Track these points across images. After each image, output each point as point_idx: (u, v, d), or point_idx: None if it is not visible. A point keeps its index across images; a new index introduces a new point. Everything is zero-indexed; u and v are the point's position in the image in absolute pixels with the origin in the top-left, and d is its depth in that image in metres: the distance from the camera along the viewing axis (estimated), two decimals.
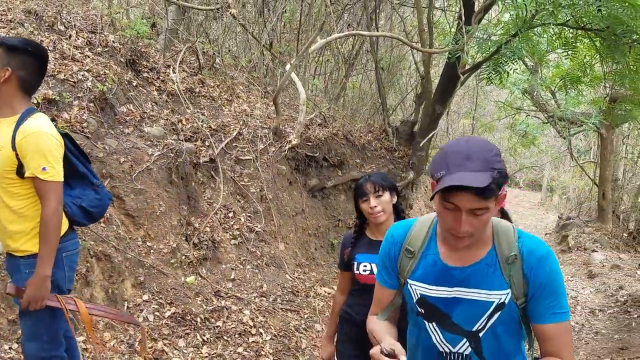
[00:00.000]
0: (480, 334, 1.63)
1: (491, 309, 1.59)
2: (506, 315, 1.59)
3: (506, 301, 1.58)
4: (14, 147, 2.34)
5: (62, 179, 2.43)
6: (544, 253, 1.57)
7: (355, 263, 2.63)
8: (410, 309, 1.76)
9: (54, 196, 2.38)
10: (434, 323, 1.68)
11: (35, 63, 2.45)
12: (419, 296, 1.69)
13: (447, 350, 1.69)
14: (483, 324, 1.61)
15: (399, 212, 2.65)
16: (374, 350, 1.56)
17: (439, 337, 1.69)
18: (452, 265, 1.63)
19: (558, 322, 1.56)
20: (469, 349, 1.66)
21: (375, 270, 2.42)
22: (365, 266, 2.60)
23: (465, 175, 1.41)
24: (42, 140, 2.35)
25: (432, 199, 1.53)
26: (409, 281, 1.71)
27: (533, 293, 1.56)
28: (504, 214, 3.15)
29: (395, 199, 2.62)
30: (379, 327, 1.79)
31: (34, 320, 2.46)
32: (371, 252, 2.56)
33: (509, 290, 1.57)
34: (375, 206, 2.53)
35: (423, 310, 1.70)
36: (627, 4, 5.35)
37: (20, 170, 2.37)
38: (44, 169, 2.34)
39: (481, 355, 1.65)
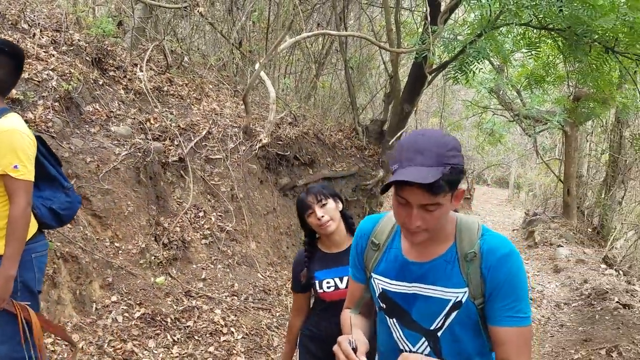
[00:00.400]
0: (439, 334, 1.57)
1: (448, 307, 1.54)
2: (464, 316, 1.53)
3: (463, 300, 1.52)
4: None
5: (33, 179, 2.40)
6: (505, 252, 1.49)
7: (317, 282, 2.47)
8: (375, 303, 1.74)
9: (24, 195, 2.34)
10: (394, 319, 1.65)
11: (12, 63, 2.42)
12: (381, 290, 1.67)
13: (407, 349, 1.64)
14: (441, 322, 1.56)
15: (347, 219, 2.51)
16: (342, 338, 1.54)
17: (400, 333, 1.65)
18: (412, 260, 1.60)
19: (514, 326, 1.47)
20: (428, 349, 1.60)
21: (340, 284, 2.41)
22: (328, 282, 2.44)
23: (413, 171, 1.37)
24: (16, 138, 2.32)
25: (382, 192, 1.52)
26: (373, 275, 1.69)
27: (490, 293, 1.49)
28: None
29: (340, 206, 2.48)
30: (350, 320, 1.77)
31: (5, 321, 2.42)
32: (329, 266, 2.45)
33: (466, 289, 1.51)
34: (323, 216, 2.38)
35: (385, 306, 1.67)
36: (587, 5, 5.51)
37: None
38: (15, 166, 2.31)
39: (440, 356, 1.59)
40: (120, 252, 4.46)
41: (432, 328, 1.57)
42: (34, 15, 5.52)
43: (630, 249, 11.89)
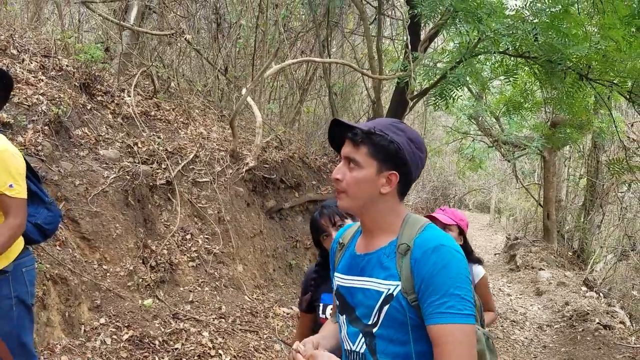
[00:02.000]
0: (374, 330, 1.50)
1: (381, 299, 1.48)
2: (395, 311, 1.45)
3: (395, 293, 1.45)
4: None
5: (26, 197, 2.48)
6: (433, 245, 1.42)
7: (321, 305, 2.24)
8: (334, 303, 1.71)
9: (21, 212, 2.43)
10: (344, 316, 1.61)
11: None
12: (336, 287, 1.66)
13: (349, 348, 1.59)
14: (375, 317, 1.49)
15: None
16: (294, 345, 1.56)
17: (345, 331, 1.60)
18: (359, 253, 1.60)
19: (444, 323, 1.37)
20: (364, 347, 1.53)
21: None
22: (332, 309, 2.15)
23: (346, 121, 1.55)
24: (9, 158, 2.40)
25: (334, 147, 1.64)
26: (334, 274, 1.70)
27: (419, 288, 1.41)
28: (467, 243, 3.18)
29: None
30: (323, 328, 1.79)
31: (3, 334, 2.45)
32: None
33: (399, 282, 1.45)
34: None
35: (338, 302, 1.65)
36: (561, 33, 5.76)
37: None
38: (10, 185, 2.39)
39: (374, 355, 1.51)
40: (108, 274, 4.47)
41: (369, 323, 1.51)
42: (23, 41, 5.60)
43: (610, 272, 12.11)
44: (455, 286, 1.39)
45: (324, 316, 2.22)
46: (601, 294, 9.59)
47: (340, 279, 1.65)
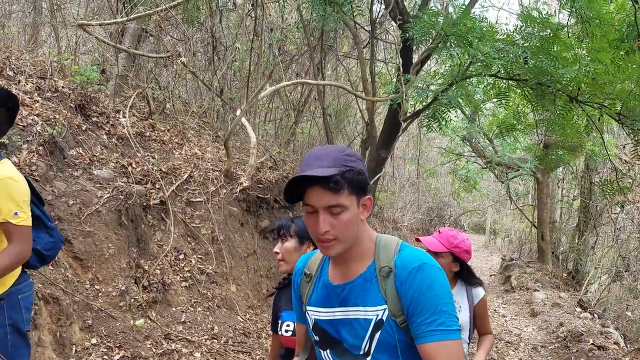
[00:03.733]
0: (368, 359, 1.49)
1: (371, 327, 1.47)
2: (387, 335, 1.45)
3: (384, 318, 1.45)
4: None
5: (31, 224, 2.47)
6: (417, 265, 1.43)
7: (280, 322, 2.24)
8: (311, 337, 1.67)
9: (24, 239, 2.42)
10: (328, 351, 1.58)
11: (6, 114, 2.52)
12: (313, 322, 1.61)
13: None
14: (367, 346, 1.48)
15: None
16: None
17: None
18: (336, 283, 1.55)
19: (436, 340, 1.38)
20: None
21: None
22: (287, 325, 2.19)
23: (312, 172, 1.41)
24: (14, 186, 2.40)
25: (287, 200, 1.49)
26: (307, 308, 1.64)
27: (407, 308, 1.42)
28: (466, 269, 3.08)
29: (309, 250, 2.20)
30: None
31: None
32: None
33: (385, 306, 1.45)
34: (277, 252, 2.22)
35: (318, 337, 1.61)
36: (551, 56, 5.86)
37: None
38: (15, 213, 2.38)
39: None
40: (100, 294, 4.46)
41: (360, 354, 1.50)
42: (20, 63, 5.66)
43: (604, 293, 12.10)
44: (443, 303, 1.41)
45: (280, 333, 2.22)
46: (595, 315, 9.56)
47: (317, 313, 1.60)
